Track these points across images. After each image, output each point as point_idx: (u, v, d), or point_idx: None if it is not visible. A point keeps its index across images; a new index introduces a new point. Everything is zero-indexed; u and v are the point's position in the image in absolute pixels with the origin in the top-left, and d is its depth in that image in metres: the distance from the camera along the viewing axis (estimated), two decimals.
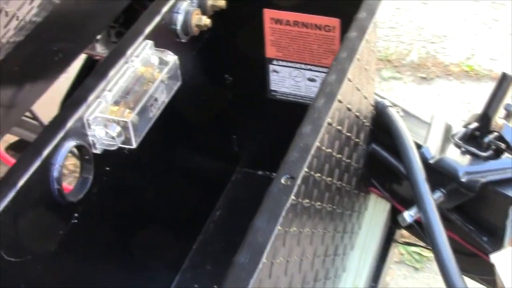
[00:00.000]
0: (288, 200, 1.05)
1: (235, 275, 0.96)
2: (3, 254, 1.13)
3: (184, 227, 1.75)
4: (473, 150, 1.52)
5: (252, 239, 1.00)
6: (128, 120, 1.22)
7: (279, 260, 1.13)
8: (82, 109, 1.22)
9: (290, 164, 1.09)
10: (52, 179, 1.18)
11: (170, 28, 1.46)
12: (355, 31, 1.32)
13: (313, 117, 1.17)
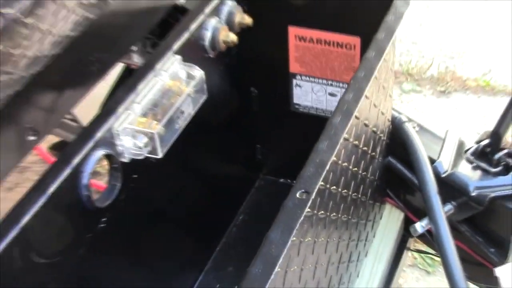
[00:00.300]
0: (302, 214, 1.02)
1: (249, 285, 0.94)
2: (34, 256, 1.12)
3: (208, 230, 1.73)
4: (483, 166, 1.50)
5: (266, 250, 0.98)
6: (155, 132, 1.20)
7: (293, 269, 1.12)
8: (112, 120, 1.21)
9: (305, 179, 1.07)
10: (81, 186, 1.17)
11: (199, 44, 1.44)
12: (373, 51, 1.29)
13: (330, 133, 1.14)
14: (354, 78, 1.25)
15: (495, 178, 1.48)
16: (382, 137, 1.51)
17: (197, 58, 1.42)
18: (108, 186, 1.25)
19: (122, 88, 1.28)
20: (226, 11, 1.49)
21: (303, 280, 1.18)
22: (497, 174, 1.49)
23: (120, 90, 1.27)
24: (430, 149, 1.57)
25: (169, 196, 1.49)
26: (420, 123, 1.66)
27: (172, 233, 1.54)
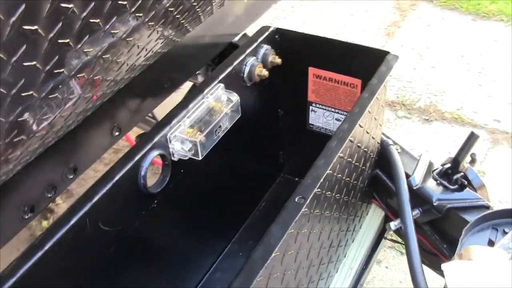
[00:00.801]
0: (297, 215, 0.99)
1: (250, 266, 0.91)
2: (100, 224, 1.10)
3: (237, 212, 1.70)
4: (444, 183, 1.47)
5: (267, 240, 0.95)
6: (197, 140, 1.18)
7: (290, 252, 1.08)
8: (167, 129, 1.19)
9: (303, 188, 1.04)
10: (140, 177, 1.15)
11: (239, 76, 1.41)
12: (367, 92, 1.25)
13: (327, 154, 1.11)
14: (350, 112, 1.21)
15: (453, 193, 1.45)
16: (371, 155, 1.46)
17: (237, 86, 1.40)
18: (160, 177, 1.23)
19: (178, 105, 1.25)
20: (262, 52, 1.46)
21: (298, 260, 1.15)
22: (454, 190, 1.45)
23: (177, 106, 1.25)
24: (407, 166, 1.53)
25: (208, 187, 1.47)
26: (402, 146, 1.61)
27: (209, 213, 1.51)
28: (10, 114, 0.72)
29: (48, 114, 0.83)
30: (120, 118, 1.29)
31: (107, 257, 1.14)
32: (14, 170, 0.91)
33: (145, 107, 1.39)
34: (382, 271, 2.51)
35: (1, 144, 0.75)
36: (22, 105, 0.73)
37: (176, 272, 1.43)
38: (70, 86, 0.84)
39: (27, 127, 0.79)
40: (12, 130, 0.75)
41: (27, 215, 1.07)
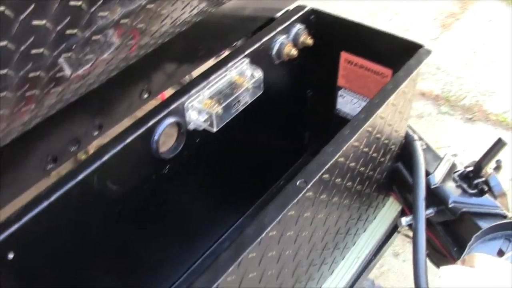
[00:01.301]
0: (296, 198, 0.99)
1: (240, 241, 0.92)
2: (108, 183, 1.12)
3: (253, 188, 1.71)
4: (464, 186, 1.45)
5: (261, 218, 0.96)
6: (213, 112, 1.19)
7: (289, 234, 1.08)
8: (185, 97, 1.20)
9: (306, 172, 1.04)
10: (152, 141, 1.17)
11: (267, 53, 1.40)
12: (391, 84, 1.23)
13: (338, 141, 1.10)
14: (369, 102, 1.20)
15: (470, 197, 1.42)
16: (393, 148, 1.45)
17: (264, 62, 1.40)
18: (174, 144, 1.25)
19: (200, 75, 1.26)
20: (294, 32, 1.46)
21: (298, 243, 1.15)
22: (472, 195, 1.43)
23: (199, 76, 1.26)
24: (429, 164, 1.51)
25: (224, 159, 1.48)
26: (428, 143, 1.58)
27: (223, 185, 1.53)
28: (51, 52, 0.74)
29: (85, 59, 0.85)
30: (151, 81, 1.29)
31: (113, 216, 1.17)
32: (44, 116, 0.93)
33: (177, 73, 1.39)
34: (399, 264, 2.50)
35: (41, 78, 0.77)
36: (64, 44, 0.75)
37: (183, 238, 1.46)
38: (110, 34, 0.86)
39: (63, 69, 0.81)
40: (50, 69, 0.77)
41: (50, 166, 1.09)
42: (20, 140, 0.92)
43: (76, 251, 1.12)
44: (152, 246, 1.34)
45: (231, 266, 0.89)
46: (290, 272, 1.19)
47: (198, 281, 0.85)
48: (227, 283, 0.91)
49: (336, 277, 1.51)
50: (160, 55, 1.22)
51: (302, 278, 1.29)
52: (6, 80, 0.72)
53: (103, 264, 1.22)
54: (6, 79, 0.71)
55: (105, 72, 0.98)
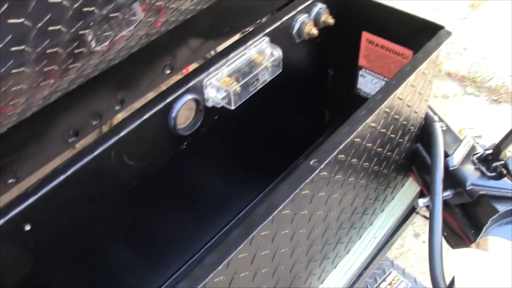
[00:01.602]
0: (309, 177, 1.00)
1: (251, 219, 0.93)
2: (125, 158, 1.14)
3: (272, 166, 1.71)
4: (482, 169, 1.43)
5: (273, 197, 0.96)
6: (231, 90, 1.19)
7: (303, 212, 1.09)
8: (204, 75, 1.21)
9: (320, 152, 1.04)
10: (170, 117, 1.18)
11: (288, 31, 1.40)
12: (409, 65, 1.22)
13: (352, 122, 1.10)
14: (386, 83, 1.19)
15: (488, 180, 1.41)
16: (412, 129, 1.44)
17: (285, 41, 1.40)
18: (192, 121, 1.26)
19: (220, 52, 1.26)
20: (316, 11, 1.45)
21: (313, 221, 1.16)
22: (490, 178, 1.41)
23: (218, 54, 1.26)
24: (449, 146, 1.50)
25: (243, 136, 1.48)
26: (448, 124, 1.57)
27: (242, 163, 1.54)
28: (72, 26, 0.75)
29: (104, 36, 0.86)
30: (174, 57, 1.29)
31: (128, 190, 1.19)
32: (65, 90, 0.94)
33: (200, 49, 1.39)
34: (419, 245, 2.50)
35: (59, 54, 0.78)
36: (81, 21, 0.76)
37: (200, 215, 1.47)
38: (134, 8, 0.87)
39: (86, 44, 0.82)
40: (72, 42, 0.78)
41: (71, 139, 1.11)
42: (42, 113, 0.93)
43: (91, 223, 1.14)
44: (167, 221, 1.36)
45: (242, 244, 0.89)
46: (304, 250, 1.20)
47: (208, 257, 0.87)
48: (239, 260, 0.93)
49: (352, 256, 1.51)
50: (184, 31, 1.23)
51: (316, 256, 1.29)
52: (24, 56, 0.73)
53: (118, 237, 1.25)
54: (23, 55, 0.73)
55: (125, 48, 0.99)
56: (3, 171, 0.99)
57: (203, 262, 0.86)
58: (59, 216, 1.06)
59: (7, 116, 0.83)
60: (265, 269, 1.06)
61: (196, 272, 0.86)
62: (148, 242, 1.34)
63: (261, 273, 1.05)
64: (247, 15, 1.46)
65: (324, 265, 1.38)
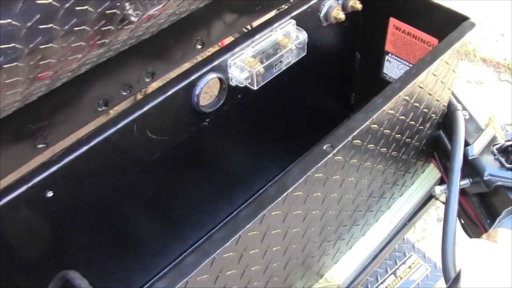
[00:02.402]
0: (321, 161, 1.02)
1: (261, 200, 0.96)
2: (148, 132, 1.17)
3: (296, 145, 1.72)
4: (501, 160, 1.43)
5: (283, 180, 0.99)
6: (254, 71, 1.22)
7: (316, 194, 1.11)
8: (229, 55, 1.23)
9: (334, 137, 1.06)
10: (194, 94, 1.21)
11: (315, 14, 1.42)
12: (430, 55, 1.23)
13: (368, 109, 1.12)
14: (405, 72, 1.20)
15: (506, 171, 1.40)
16: (433, 117, 1.44)
17: (312, 24, 1.41)
18: (215, 98, 1.29)
19: (246, 33, 1.28)
20: None
21: (326, 203, 1.18)
22: (509, 169, 1.40)
23: (244, 34, 1.28)
24: (470, 135, 1.50)
25: (266, 115, 1.51)
26: (471, 112, 1.56)
27: (264, 141, 1.56)
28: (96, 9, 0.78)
29: (156, 2, 0.89)
30: (205, 32, 1.31)
31: (150, 163, 1.23)
32: (95, 63, 0.97)
33: (232, 26, 1.41)
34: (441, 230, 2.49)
35: (99, 24, 0.81)
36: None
37: (220, 190, 1.51)
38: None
39: (126, 15, 0.86)
40: (113, 13, 0.82)
41: (101, 108, 1.15)
42: (75, 82, 0.97)
43: (111, 193, 1.19)
44: (187, 195, 1.40)
45: (251, 222, 0.93)
46: (317, 231, 1.23)
47: (217, 233, 0.90)
48: (249, 237, 0.96)
49: (368, 239, 1.53)
50: (216, 8, 1.25)
51: (330, 237, 1.32)
52: (51, 32, 0.76)
53: (138, 208, 1.29)
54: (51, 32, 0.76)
55: (165, 18, 1.01)
56: (34, 135, 1.03)
57: (212, 238, 0.90)
58: (81, 185, 1.10)
59: (42, 82, 0.86)
60: (276, 247, 1.09)
61: (205, 246, 0.89)
62: (168, 213, 1.39)
63: (272, 250, 1.08)
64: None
65: (338, 245, 1.40)
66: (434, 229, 2.53)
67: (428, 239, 2.50)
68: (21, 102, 0.89)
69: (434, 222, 2.56)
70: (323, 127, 1.82)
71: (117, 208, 1.23)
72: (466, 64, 3.26)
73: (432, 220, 2.56)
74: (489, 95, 3.05)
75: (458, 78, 3.16)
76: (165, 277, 0.86)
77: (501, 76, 3.17)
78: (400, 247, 2.01)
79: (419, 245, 2.42)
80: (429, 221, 2.56)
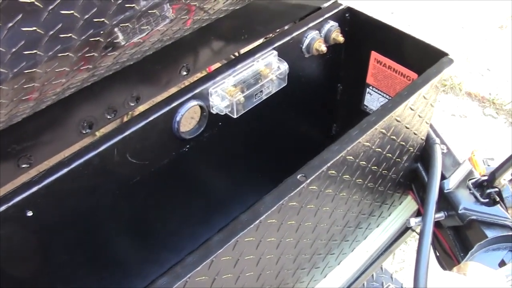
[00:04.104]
0: (294, 190, 1.05)
1: (233, 226, 0.99)
2: (128, 156, 1.20)
3: (276, 174, 1.73)
4: (476, 195, 1.47)
5: (257, 207, 1.02)
6: (234, 100, 1.25)
7: (290, 222, 1.14)
8: (210, 83, 1.26)
9: (308, 168, 1.10)
10: (174, 121, 1.24)
11: (298, 46, 1.46)
12: (406, 90, 1.27)
13: (343, 141, 1.15)
14: (382, 106, 1.24)
15: (481, 206, 1.45)
16: (411, 150, 1.48)
17: (294, 55, 1.45)
18: (196, 125, 1.32)
19: (228, 63, 1.32)
20: (327, 28, 1.50)
21: (301, 231, 1.21)
22: (483, 203, 1.45)
23: (226, 64, 1.32)
24: (447, 168, 1.54)
25: (244, 145, 1.55)
26: (449, 146, 1.61)
27: (242, 170, 1.59)
28: (111, 20, 0.82)
29: (139, 31, 0.93)
30: (191, 59, 1.35)
31: (129, 187, 1.26)
32: (88, 81, 1.01)
33: (217, 54, 1.45)
34: None
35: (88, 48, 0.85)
36: (124, 13, 0.83)
37: (199, 215, 1.54)
38: (165, 7, 0.93)
39: (115, 39, 0.89)
40: (106, 37, 0.85)
41: (85, 131, 1.18)
42: (60, 104, 1.01)
43: (91, 215, 1.22)
44: (166, 219, 1.43)
45: (224, 247, 0.95)
46: (291, 258, 1.25)
47: (189, 257, 0.93)
48: (221, 262, 0.99)
49: (343, 268, 1.56)
50: (203, 36, 1.29)
51: (304, 265, 1.35)
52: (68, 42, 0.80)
53: (116, 230, 1.32)
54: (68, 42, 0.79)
55: (150, 45, 1.04)
56: (18, 155, 1.06)
57: (184, 261, 0.93)
58: (61, 206, 1.13)
59: (26, 105, 0.90)
60: (249, 273, 1.12)
61: (177, 270, 0.92)
62: (146, 236, 1.41)
63: (245, 276, 1.11)
64: (268, 23, 1.50)
65: (313, 273, 1.43)
66: (413, 260, 2.56)
67: (406, 270, 2.53)
68: (5, 123, 0.92)
69: (413, 253, 2.59)
70: (304, 156, 1.85)
71: (96, 229, 1.25)
72: (451, 97, 3.33)
73: (411, 251, 2.60)
74: (473, 129, 3.11)
75: (443, 112, 3.22)
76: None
77: (485, 110, 3.23)
78: (378, 277, 2.04)
79: (397, 275, 2.45)
80: (408, 252, 2.60)
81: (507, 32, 3.78)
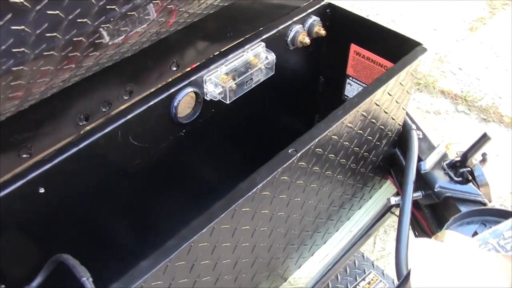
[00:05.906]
0: (286, 163, 1.14)
1: (233, 194, 1.07)
2: (130, 138, 1.28)
3: (263, 157, 1.83)
4: (450, 174, 1.56)
5: (253, 177, 1.10)
6: (227, 87, 1.34)
7: (281, 196, 1.23)
8: (205, 71, 1.35)
9: (298, 143, 1.18)
10: (172, 106, 1.32)
11: (283, 39, 1.55)
12: (385, 75, 1.37)
13: (329, 119, 1.25)
14: (364, 89, 1.34)
15: (455, 184, 1.54)
16: (389, 134, 1.58)
17: (279, 47, 1.55)
18: (191, 111, 1.41)
19: (221, 53, 1.41)
20: (309, 22, 1.60)
21: (291, 206, 1.30)
22: (457, 182, 1.54)
23: (219, 54, 1.41)
24: (423, 152, 1.64)
25: (235, 129, 1.64)
26: (425, 132, 1.71)
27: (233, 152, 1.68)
28: (95, 21, 0.88)
29: (122, 30, 0.98)
30: (180, 56, 1.43)
31: (131, 167, 1.35)
32: (83, 75, 1.07)
33: (205, 51, 1.53)
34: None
35: (82, 44, 0.90)
36: (103, 17, 0.88)
37: (193, 195, 1.62)
38: (148, 8, 0.99)
39: (104, 37, 0.95)
40: (93, 34, 0.90)
41: (82, 123, 1.26)
42: (59, 96, 1.08)
43: (96, 193, 1.30)
44: (163, 198, 1.51)
45: (223, 214, 1.05)
46: (282, 232, 1.34)
47: (194, 222, 1.02)
48: (221, 230, 1.08)
49: (329, 246, 1.66)
50: (191, 33, 1.37)
51: (294, 241, 1.44)
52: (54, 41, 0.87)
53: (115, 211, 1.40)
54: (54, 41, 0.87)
55: (138, 43, 1.13)
56: (19, 146, 1.13)
57: (191, 225, 1.01)
58: (70, 183, 1.21)
59: (13, 103, 0.95)
60: (244, 244, 1.21)
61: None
62: (144, 215, 1.50)
63: (242, 246, 1.20)
64: (251, 22, 1.59)
65: (301, 250, 1.52)
66: (392, 248, 2.67)
67: (387, 258, 2.64)
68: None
69: (392, 242, 2.70)
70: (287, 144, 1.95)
71: (100, 206, 1.33)
72: (425, 95, 3.46)
73: (390, 240, 2.70)
74: (446, 125, 3.24)
75: (418, 109, 3.34)
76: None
77: (458, 107, 3.36)
78: (360, 264, 2.14)
79: (378, 263, 2.56)
80: (388, 241, 2.70)
81: (477, 33, 3.93)
